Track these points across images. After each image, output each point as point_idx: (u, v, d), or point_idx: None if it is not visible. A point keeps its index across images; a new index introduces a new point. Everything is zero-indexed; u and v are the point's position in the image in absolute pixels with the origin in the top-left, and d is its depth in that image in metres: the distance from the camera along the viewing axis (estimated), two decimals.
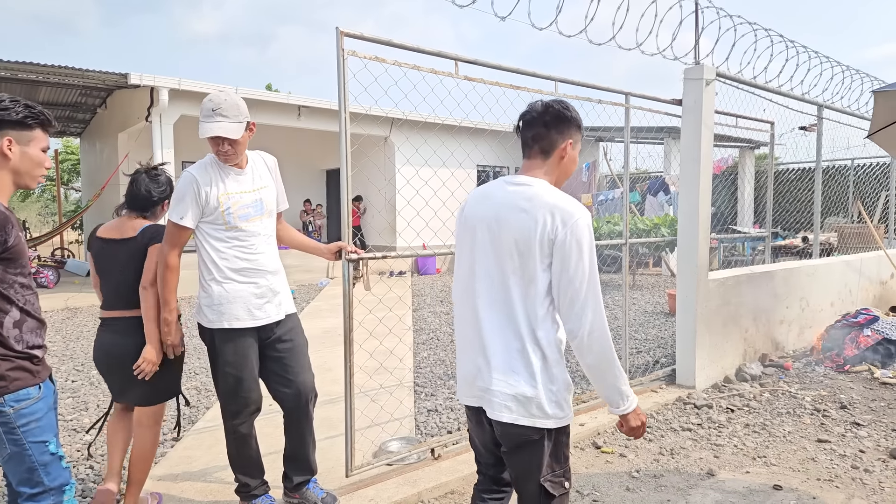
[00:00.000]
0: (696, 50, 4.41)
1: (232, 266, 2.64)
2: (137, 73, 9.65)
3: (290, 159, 15.54)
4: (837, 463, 3.36)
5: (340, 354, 3.06)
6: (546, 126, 1.82)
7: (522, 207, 1.73)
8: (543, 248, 1.69)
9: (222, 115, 2.60)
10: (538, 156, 1.84)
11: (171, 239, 2.62)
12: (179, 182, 2.62)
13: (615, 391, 1.74)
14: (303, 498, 2.87)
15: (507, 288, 1.76)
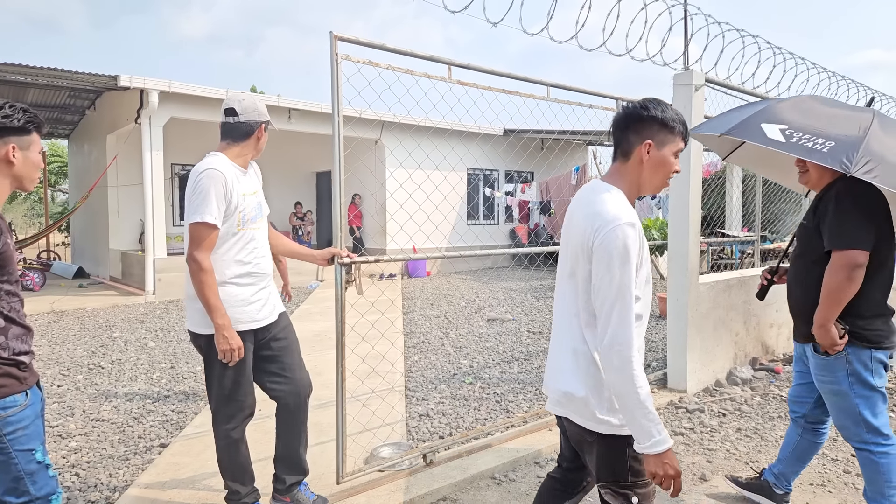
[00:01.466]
0: (686, 56, 4.43)
1: (236, 269, 2.59)
2: (127, 76, 9.58)
3: (279, 162, 15.50)
4: (829, 468, 3.38)
5: (331, 358, 3.04)
6: (624, 128, 1.80)
7: (585, 213, 1.74)
8: (586, 253, 1.69)
9: None
10: (620, 158, 1.82)
11: (205, 242, 2.46)
12: (204, 179, 2.45)
13: (634, 422, 1.61)
14: (294, 500, 2.84)
15: (565, 290, 1.81)
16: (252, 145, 2.70)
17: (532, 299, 9.80)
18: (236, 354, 2.48)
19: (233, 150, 2.63)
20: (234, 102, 2.62)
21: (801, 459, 2.85)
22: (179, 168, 14.36)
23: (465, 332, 7.18)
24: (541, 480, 3.21)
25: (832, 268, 2.35)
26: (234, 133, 2.63)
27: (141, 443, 3.78)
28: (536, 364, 5.63)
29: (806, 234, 2.57)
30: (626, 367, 1.59)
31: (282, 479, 2.85)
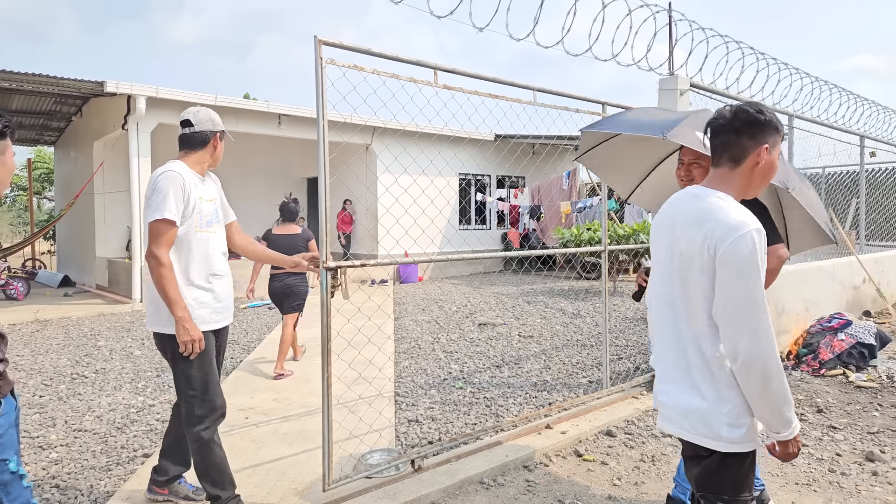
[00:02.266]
0: (671, 61, 4.47)
1: (199, 272, 2.73)
2: (114, 81, 9.52)
3: (270, 168, 15.47)
4: (815, 467, 3.40)
5: (318, 365, 3.02)
6: (736, 132, 1.73)
7: (693, 220, 1.68)
8: (704, 262, 1.63)
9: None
10: (727, 164, 1.75)
11: (163, 238, 2.60)
12: (162, 180, 2.62)
13: (778, 419, 1.61)
14: (172, 492, 2.95)
15: (671, 302, 1.75)
16: (209, 153, 2.87)
17: (523, 304, 9.80)
18: (197, 346, 2.60)
19: (191, 158, 2.82)
20: (190, 114, 2.83)
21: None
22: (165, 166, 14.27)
23: (456, 337, 7.17)
24: (530, 484, 3.20)
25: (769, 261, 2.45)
26: (190, 142, 2.83)
27: (124, 453, 3.73)
28: (527, 368, 5.63)
29: None
30: (773, 379, 1.56)
31: (164, 471, 2.94)
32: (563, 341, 6.84)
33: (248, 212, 15.35)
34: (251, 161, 15.01)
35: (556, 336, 7.15)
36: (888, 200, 9.21)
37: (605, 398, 4.39)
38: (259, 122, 11.68)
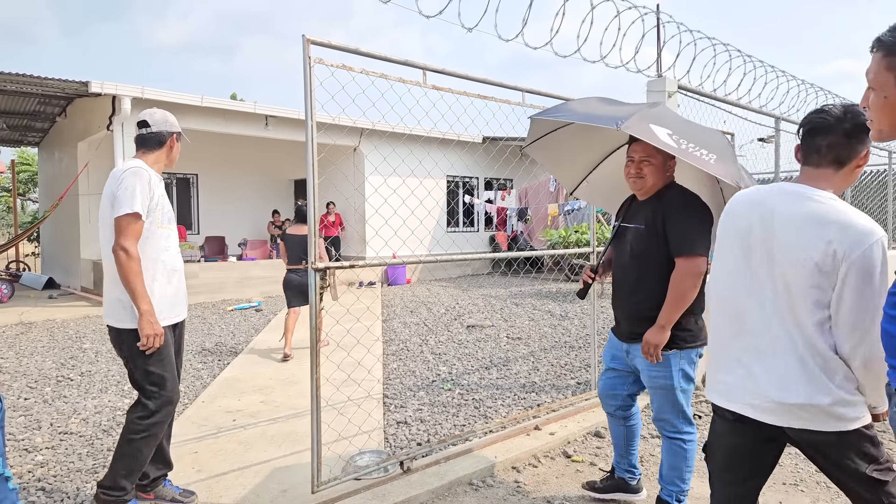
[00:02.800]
0: (659, 63, 4.50)
1: (161, 267, 2.78)
2: (98, 81, 9.43)
3: (257, 169, 15.40)
4: (802, 467, 3.42)
5: (307, 367, 3.00)
6: (847, 135, 1.70)
7: (810, 220, 1.66)
8: (827, 263, 1.62)
9: None
10: (830, 165, 1.72)
11: (132, 232, 2.64)
12: (129, 176, 2.67)
13: (882, 399, 1.71)
14: (158, 496, 2.93)
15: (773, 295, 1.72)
16: (165, 154, 2.92)
17: (511, 306, 9.82)
18: (158, 341, 2.64)
19: (148, 158, 2.86)
20: (146, 115, 2.88)
21: (630, 444, 2.97)
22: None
23: (445, 338, 7.16)
24: (519, 486, 3.20)
25: (683, 273, 2.46)
26: (148, 143, 2.87)
27: (110, 455, 3.67)
28: (515, 370, 5.63)
29: (641, 237, 2.65)
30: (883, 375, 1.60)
31: (146, 475, 2.91)
32: (551, 343, 6.86)
33: (235, 213, 15.27)
34: (238, 162, 14.93)
35: (544, 338, 7.16)
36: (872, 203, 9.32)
37: (594, 399, 4.40)
38: (246, 124, 11.62)
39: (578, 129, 3.16)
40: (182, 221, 14.59)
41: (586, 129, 3.12)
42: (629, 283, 2.71)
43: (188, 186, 14.83)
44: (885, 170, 9.17)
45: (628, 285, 2.71)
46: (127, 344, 2.69)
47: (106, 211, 2.69)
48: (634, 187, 2.72)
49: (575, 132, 3.19)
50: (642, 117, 2.36)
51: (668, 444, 2.70)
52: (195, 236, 14.60)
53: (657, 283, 2.57)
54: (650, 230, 2.59)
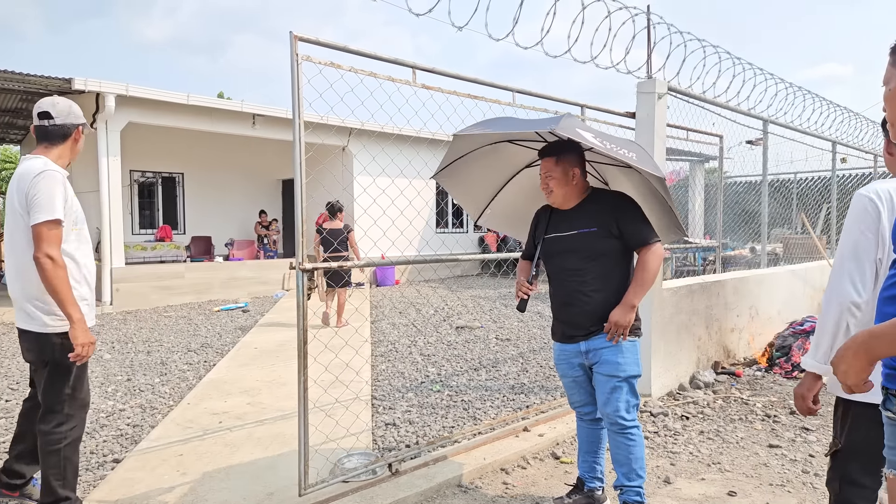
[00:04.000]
0: (649, 64, 4.50)
1: (77, 270, 2.68)
2: (82, 78, 9.30)
3: (244, 169, 15.27)
4: (789, 468, 3.43)
5: (295, 368, 2.97)
6: None
7: None
8: None
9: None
10: None
11: (54, 238, 2.51)
12: (44, 180, 2.51)
13: None
14: (23, 495, 2.90)
15: None
16: (69, 148, 2.74)
17: (500, 307, 9.81)
18: (91, 349, 2.56)
19: (52, 152, 2.66)
20: (48, 106, 2.64)
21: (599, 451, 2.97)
22: (139, 175, 14.00)
23: (434, 340, 7.13)
24: (507, 487, 3.18)
25: (654, 256, 2.62)
26: (50, 136, 2.66)
27: (93, 458, 3.62)
28: (504, 371, 5.61)
29: (594, 238, 2.70)
30: None
31: (20, 474, 2.87)
32: (540, 344, 6.85)
33: (222, 213, 15.14)
34: (225, 162, 14.80)
35: (533, 339, 7.16)
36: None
37: None
38: (233, 122, 11.52)
39: (483, 155, 3.03)
40: (168, 221, 14.44)
41: (490, 153, 3.03)
42: (588, 283, 2.71)
43: (174, 186, 14.68)
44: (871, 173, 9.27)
45: (588, 286, 2.71)
46: (50, 349, 2.58)
47: (19, 217, 2.55)
48: (550, 201, 2.83)
49: (479, 157, 3.05)
50: (570, 124, 2.49)
51: (624, 438, 2.70)
52: (181, 236, 14.46)
53: (619, 276, 2.70)
54: (604, 230, 2.68)
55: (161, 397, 4.89)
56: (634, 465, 2.70)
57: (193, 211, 14.83)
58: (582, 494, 2.95)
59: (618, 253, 2.70)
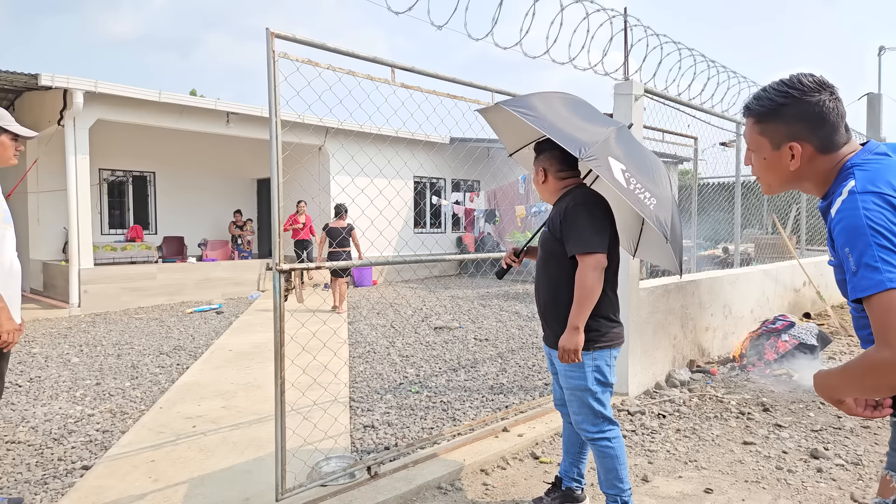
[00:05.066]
0: (626, 66, 4.54)
1: (4, 267, 2.70)
2: (49, 74, 9.05)
3: (217, 168, 15.04)
4: (763, 464, 3.48)
5: (271, 371, 2.91)
6: None
7: None
8: None
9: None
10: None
11: None
12: None
13: None
14: None
15: None
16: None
17: (479, 307, 9.81)
18: (17, 336, 2.64)
19: None
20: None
21: (582, 450, 2.97)
22: (109, 173, 13.68)
23: (412, 340, 7.10)
24: (487, 488, 3.17)
25: (582, 271, 2.48)
26: None
27: (61, 465, 3.51)
28: (483, 371, 5.61)
29: (547, 240, 2.69)
30: None
31: None
32: (518, 344, 6.87)
33: (195, 213, 14.89)
34: (198, 161, 14.55)
35: (511, 339, 7.17)
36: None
37: None
38: (206, 120, 11.33)
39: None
40: (139, 221, 14.15)
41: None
42: (541, 286, 2.72)
43: (145, 185, 14.38)
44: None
45: (541, 289, 2.72)
46: None
47: None
48: (542, 193, 2.81)
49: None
50: (603, 149, 2.34)
51: (594, 449, 2.68)
52: (152, 236, 14.18)
53: (565, 285, 2.58)
54: (555, 232, 2.63)
55: (132, 402, 4.78)
56: (608, 475, 2.67)
57: (165, 211, 14.55)
58: (560, 493, 2.96)
59: (564, 259, 2.59)
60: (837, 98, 1.40)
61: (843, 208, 1.28)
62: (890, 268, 1.17)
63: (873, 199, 1.24)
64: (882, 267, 1.17)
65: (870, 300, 1.18)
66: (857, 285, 1.21)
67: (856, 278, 1.21)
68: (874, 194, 1.25)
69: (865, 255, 1.19)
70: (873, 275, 1.17)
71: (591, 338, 2.57)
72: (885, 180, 1.28)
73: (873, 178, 1.29)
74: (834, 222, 1.29)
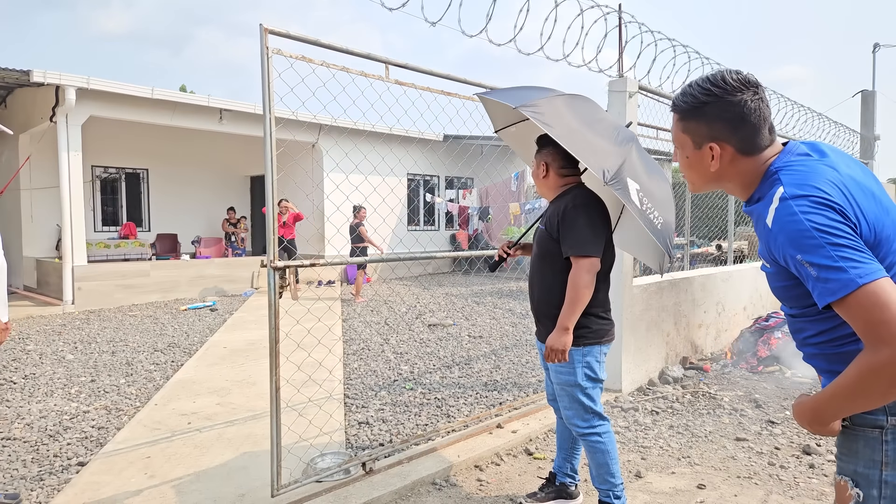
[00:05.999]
0: (620, 63, 4.55)
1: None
2: (41, 70, 8.98)
3: (211, 165, 14.98)
4: (755, 460, 3.51)
5: (266, 368, 2.92)
6: None
7: None
8: None
9: None
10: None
11: None
12: None
13: None
14: None
15: None
16: None
17: (473, 304, 9.83)
18: (6, 335, 2.76)
19: None
20: None
21: (574, 446, 2.99)
22: (101, 170, 13.61)
23: (406, 338, 7.10)
24: (482, 484, 3.18)
25: (576, 274, 2.50)
26: None
27: (57, 462, 3.51)
28: (477, 368, 5.62)
29: (543, 238, 2.70)
30: None
31: None
32: (512, 341, 6.88)
33: (188, 210, 14.83)
34: (191, 158, 14.49)
35: (505, 336, 7.19)
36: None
37: None
38: (199, 117, 11.28)
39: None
40: (132, 218, 14.09)
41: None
42: (535, 283, 2.74)
43: (138, 182, 14.31)
44: None
45: (535, 286, 2.74)
46: None
47: None
48: (539, 187, 2.81)
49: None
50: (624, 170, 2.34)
51: (585, 444, 2.70)
52: (146, 234, 14.12)
53: (559, 283, 2.59)
54: (549, 231, 2.64)
55: (127, 398, 4.77)
56: (600, 470, 2.68)
57: (159, 208, 14.49)
58: (554, 488, 2.97)
59: (560, 258, 2.60)
60: (761, 98, 1.36)
61: (778, 217, 1.22)
62: (854, 264, 1.11)
63: (806, 202, 1.18)
64: (845, 265, 1.11)
65: (844, 301, 1.12)
66: (824, 290, 1.14)
67: (820, 283, 1.14)
68: (805, 198, 1.19)
69: (823, 258, 1.13)
70: (839, 275, 1.11)
71: (582, 334, 2.59)
72: (811, 184, 1.22)
73: (801, 182, 1.23)
74: (773, 233, 1.23)
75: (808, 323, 1.35)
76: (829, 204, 1.18)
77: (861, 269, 1.11)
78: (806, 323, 1.35)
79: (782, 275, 1.31)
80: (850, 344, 1.28)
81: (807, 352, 1.41)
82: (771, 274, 1.36)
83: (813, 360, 1.40)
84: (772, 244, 1.25)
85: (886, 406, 1.25)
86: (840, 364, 1.31)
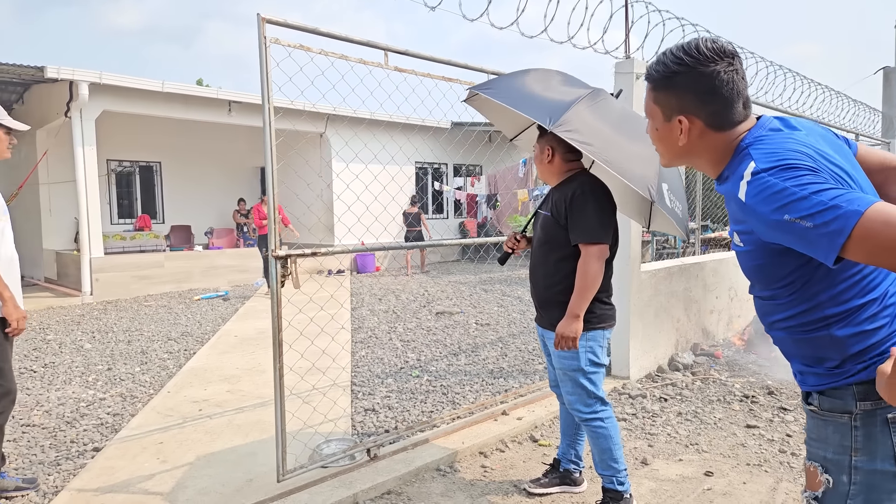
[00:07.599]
0: (627, 44, 4.48)
1: (6, 260, 2.81)
2: (55, 67, 9.08)
3: (221, 157, 15.08)
4: (766, 448, 3.48)
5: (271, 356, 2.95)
6: None
7: None
8: None
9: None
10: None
11: None
12: None
13: None
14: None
15: None
16: None
17: (480, 292, 9.83)
18: (24, 323, 2.78)
19: None
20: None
21: (578, 433, 2.97)
22: (116, 164, 13.76)
23: (413, 326, 7.13)
24: (486, 470, 3.20)
25: (586, 261, 2.48)
26: None
27: (73, 447, 3.59)
28: (483, 356, 5.63)
29: (548, 224, 2.67)
30: None
31: None
32: (519, 329, 6.88)
33: (201, 201, 14.96)
34: (202, 150, 14.60)
35: (512, 324, 7.18)
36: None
37: None
38: (209, 110, 11.35)
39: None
40: (146, 210, 14.25)
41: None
42: (539, 269, 2.72)
43: (152, 174, 14.46)
44: None
45: (539, 272, 2.72)
46: None
47: None
48: (542, 172, 2.79)
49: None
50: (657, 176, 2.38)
51: (587, 430, 2.69)
52: (160, 225, 14.28)
53: (565, 270, 2.58)
54: (555, 218, 2.61)
55: (141, 386, 4.85)
56: (603, 456, 2.67)
57: (172, 200, 14.64)
58: (557, 475, 2.98)
59: (566, 245, 2.58)
60: (736, 70, 1.28)
61: (752, 190, 1.14)
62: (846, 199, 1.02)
63: (779, 170, 1.11)
64: (839, 202, 1.02)
65: (853, 238, 1.00)
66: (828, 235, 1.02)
67: (821, 232, 1.03)
68: (778, 167, 1.12)
69: (813, 206, 1.04)
70: (837, 212, 1.01)
71: (586, 318, 2.58)
72: (781, 155, 1.15)
73: (771, 154, 1.16)
74: (749, 206, 1.15)
75: (778, 306, 1.32)
76: (803, 165, 1.12)
77: (855, 200, 1.01)
78: (775, 306, 1.32)
79: (758, 252, 1.26)
80: (818, 330, 1.25)
81: (775, 336, 1.38)
82: (744, 253, 1.30)
83: (781, 345, 1.38)
84: (750, 219, 1.17)
85: (855, 392, 1.23)
86: (809, 349, 1.28)
